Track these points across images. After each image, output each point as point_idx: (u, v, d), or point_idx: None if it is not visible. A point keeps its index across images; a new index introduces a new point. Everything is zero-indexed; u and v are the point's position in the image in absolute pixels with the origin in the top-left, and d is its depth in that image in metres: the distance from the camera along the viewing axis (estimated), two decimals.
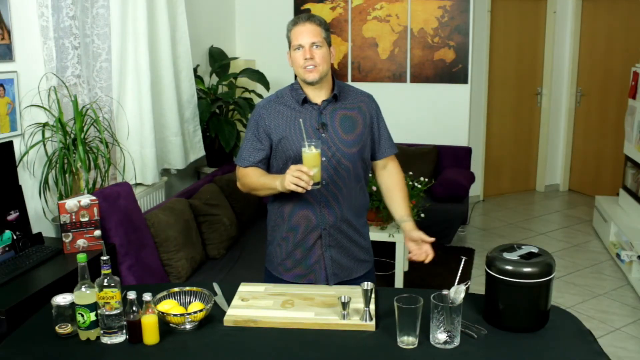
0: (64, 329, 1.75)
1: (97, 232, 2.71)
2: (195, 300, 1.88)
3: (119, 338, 1.72)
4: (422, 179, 4.08)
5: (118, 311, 1.71)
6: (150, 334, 1.70)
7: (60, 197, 3.00)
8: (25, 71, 2.95)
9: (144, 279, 2.88)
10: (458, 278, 1.78)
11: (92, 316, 1.72)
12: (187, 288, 1.93)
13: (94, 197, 2.71)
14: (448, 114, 5.45)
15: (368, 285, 1.77)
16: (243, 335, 1.76)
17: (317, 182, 1.92)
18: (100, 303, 1.70)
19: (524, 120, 6.37)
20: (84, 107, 3.18)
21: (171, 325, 1.78)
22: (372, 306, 1.82)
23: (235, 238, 3.78)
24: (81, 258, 1.72)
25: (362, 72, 5.55)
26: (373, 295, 1.86)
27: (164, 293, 1.89)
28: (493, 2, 5.76)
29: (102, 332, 1.72)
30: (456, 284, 1.72)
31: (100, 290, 1.70)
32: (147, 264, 2.97)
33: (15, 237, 2.60)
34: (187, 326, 1.78)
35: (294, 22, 2.08)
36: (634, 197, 4.55)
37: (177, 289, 1.92)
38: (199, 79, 4.63)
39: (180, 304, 1.87)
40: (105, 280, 1.70)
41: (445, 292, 1.70)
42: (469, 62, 5.32)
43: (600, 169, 6.18)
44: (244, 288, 2.03)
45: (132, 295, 1.72)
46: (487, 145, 6.14)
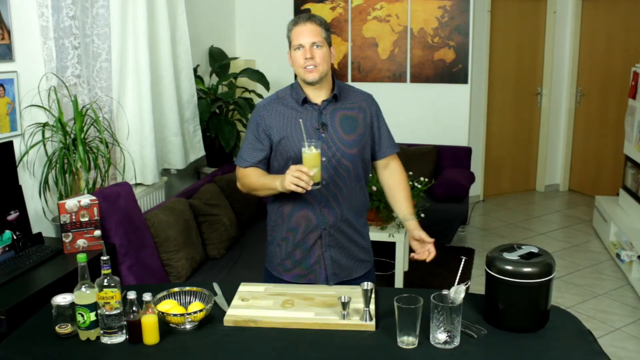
0: (64, 329, 1.75)
1: (97, 232, 2.71)
2: (195, 300, 1.88)
3: (119, 338, 1.72)
4: (422, 179, 4.08)
5: (118, 311, 1.71)
6: (150, 334, 1.70)
7: (60, 197, 3.00)
8: (25, 71, 2.95)
9: (144, 279, 2.88)
10: (458, 278, 1.78)
11: (92, 316, 1.72)
12: (187, 288, 1.93)
13: (94, 197, 2.71)
14: (448, 114, 5.45)
15: (368, 285, 1.77)
16: (243, 335, 1.76)
17: (317, 183, 1.92)
18: (100, 303, 1.71)
19: (524, 120, 6.37)
20: (84, 107, 3.18)
21: (171, 325, 1.78)
22: (372, 306, 1.82)
23: (235, 238, 3.78)
24: (81, 258, 1.72)
25: (362, 72, 5.55)
26: (373, 295, 1.86)
27: (164, 293, 1.89)
28: (493, 2, 5.76)
29: (102, 332, 1.72)
30: (456, 284, 1.72)
31: (100, 290, 1.70)
32: (147, 264, 2.97)
33: (15, 237, 2.60)
34: (187, 326, 1.78)
35: (295, 22, 2.08)
36: (634, 197, 4.55)
37: (177, 289, 1.92)
38: (199, 79, 4.63)
39: (180, 304, 1.87)
40: (105, 280, 1.70)
41: (445, 292, 1.70)
42: (469, 62, 5.32)
43: (600, 169, 6.18)
44: (244, 288, 2.03)
45: (132, 295, 1.72)
46: (487, 145, 6.14)
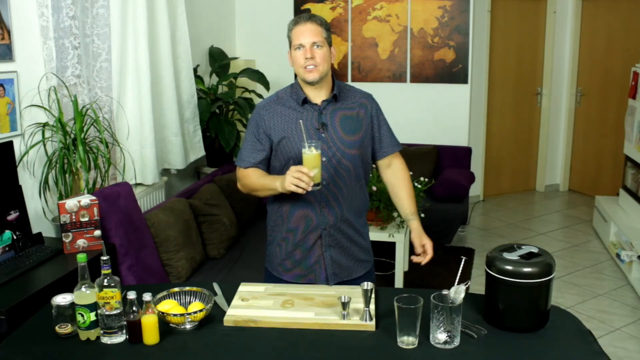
0: (64, 329, 1.75)
1: (97, 232, 2.71)
2: (195, 300, 1.88)
3: (119, 338, 1.72)
4: (422, 179, 4.08)
5: (118, 311, 1.71)
6: (150, 334, 1.70)
7: (60, 197, 3.00)
8: (25, 71, 2.95)
9: (144, 279, 2.88)
10: (458, 278, 1.78)
11: (92, 316, 1.72)
12: (187, 288, 1.93)
13: (94, 197, 2.71)
14: (448, 114, 5.44)
15: (368, 285, 1.77)
16: (243, 335, 1.76)
17: (317, 183, 1.92)
18: (100, 303, 1.71)
19: (524, 120, 6.37)
20: (84, 107, 3.18)
21: (171, 325, 1.78)
22: (372, 306, 1.82)
23: (235, 238, 3.78)
24: (81, 258, 1.72)
25: (362, 72, 5.55)
26: (373, 295, 1.86)
27: (164, 293, 1.89)
28: (493, 2, 5.76)
29: (102, 332, 1.72)
30: (456, 284, 1.72)
31: (100, 290, 1.70)
32: (147, 264, 2.97)
33: (15, 237, 2.60)
34: (187, 326, 1.78)
35: (295, 22, 2.08)
36: (634, 197, 4.55)
37: (177, 289, 1.92)
38: (199, 79, 4.63)
39: (180, 304, 1.87)
40: (105, 280, 1.70)
41: (445, 292, 1.70)
42: (469, 62, 5.32)
43: (600, 169, 6.18)
44: (244, 288, 2.03)
45: (132, 295, 1.72)
46: (487, 145, 6.14)
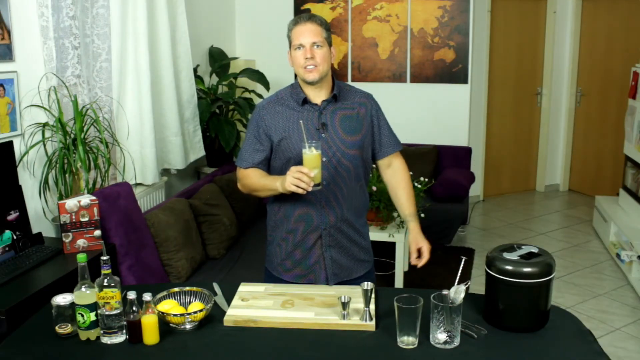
0: (64, 329, 1.75)
1: (97, 232, 2.71)
2: (195, 300, 1.88)
3: (119, 338, 1.72)
4: (422, 179, 4.08)
5: (118, 311, 1.71)
6: (150, 334, 1.70)
7: (60, 197, 3.00)
8: (25, 71, 2.95)
9: (144, 279, 2.88)
10: (458, 278, 1.78)
11: (92, 316, 1.72)
12: (187, 288, 1.93)
13: (94, 197, 2.71)
14: (448, 114, 5.44)
15: (368, 285, 1.77)
16: (243, 335, 1.76)
17: (317, 183, 1.92)
18: (100, 303, 1.71)
19: (524, 120, 6.37)
20: (84, 107, 3.18)
21: (171, 325, 1.78)
22: (372, 306, 1.82)
23: (235, 238, 3.78)
24: (81, 258, 1.72)
25: (362, 72, 5.55)
26: (373, 295, 1.86)
27: (164, 293, 1.89)
28: (493, 2, 5.76)
29: (102, 332, 1.72)
30: (456, 284, 1.72)
31: (100, 290, 1.70)
32: (147, 264, 2.97)
33: (15, 237, 2.60)
34: (187, 326, 1.78)
35: (295, 22, 2.08)
36: (634, 197, 4.55)
37: (177, 289, 1.92)
38: (199, 79, 4.63)
39: (180, 304, 1.87)
40: (105, 280, 1.70)
41: (445, 292, 1.70)
42: (469, 62, 5.31)
43: (600, 169, 6.18)
44: (244, 288, 2.03)
45: (132, 295, 1.72)
46: (487, 145, 6.14)
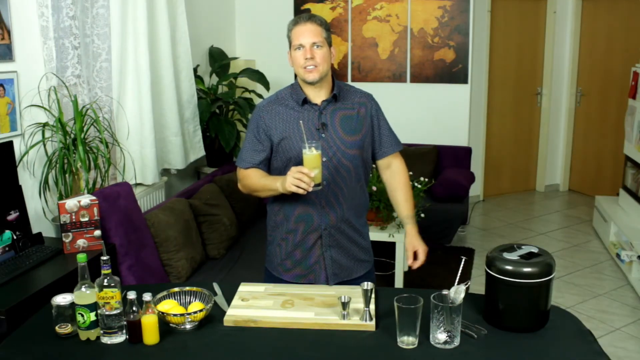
0: (64, 329, 1.75)
1: (97, 232, 2.70)
2: (195, 300, 1.88)
3: (119, 338, 1.72)
4: (422, 179, 4.08)
5: (118, 311, 1.71)
6: (150, 334, 1.70)
7: (60, 197, 3.00)
8: (25, 71, 2.95)
9: (144, 279, 2.88)
10: (458, 278, 1.78)
11: (92, 316, 1.72)
12: (187, 288, 1.93)
13: (94, 197, 2.71)
14: (448, 114, 5.44)
15: (368, 285, 1.77)
16: (243, 335, 1.76)
17: (318, 184, 1.92)
18: (100, 303, 1.71)
19: (524, 120, 6.37)
20: (84, 107, 3.18)
21: (171, 325, 1.78)
22: (372, 306, 1.82)
23: (235, 238, 3.78)
24: (81, 258, 1.72)
25: (362, 72, 5.55)
26: (373, 295, 1.86)
27: (164, 293, 1.89)
28: (493, 2, 5.76)
29: (102, 332, 1.72)
30: (456, 284, 1.72)
31: (100, 290, 1.70)
32: (147, 264, 2.97)
33: (15, 237, 2.60)
34: (187, 326, 1.78)
35: (295, 22, 2.08)
36: (634, 197, 4.55)
37: (177, 289, 1.92)
38: (199, 79, 4.63)
39: (180, 304, 1.87)
40: (105, 280, 1.70)
41: (445, 292, 1.70)
42: (469, 62, 5.31)
43: (600, 169, 6.18)
44: (244, 288, 2.03)
45: (132, 295, 1.72)
46: (487, 145, 6.14)
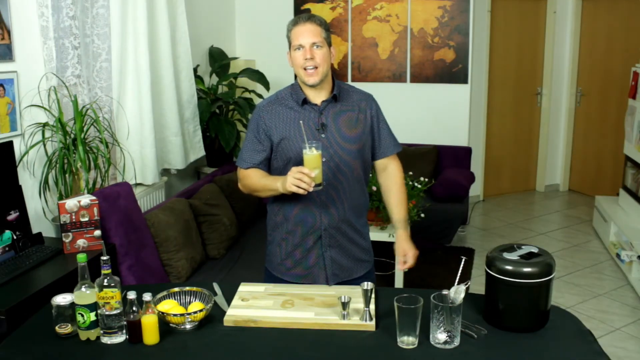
0: (64, 329, 1.75)
1: (97, 232, 2.71)
2: (195, 300, 1.88)
3: (119, 338, 1.72)
4: (422, 179, 4.08)
5: (118, 311, 1.71)
6: (150, 334, 1.70)
7: (60, 197, 3.00)
8: (25, 71, 2.95)
9: (144, 279, 2.88)
10: (458, 278, 1.78)
11: (92, 316, 1.72)
12: (187, 288, 1.93)
13: (94, 197, 2.71)
14: (448, 114, 5.44)
15: (368, 285, 1.77)
16: (243, 335, 1.76)
17: (318, 184, 1.92)
18: (100, 303, 1.71)
19: (524, 120, 6.37)
20: (84, 107, 3.18)
21: (171, 325, 1.78)
22: (372, 306, 1.83)
23: (235, 238, 3.78)
24: (81, 258, 1.72)
25: (362, 72, 5.55)
26: (373, 295, 1.86)
27: (164, 293, 1.89)
28: (493, 2, 5.76)
29: (102, 332, 1.73)
30: (456, 284, 1.72)
31: (100, 290, 1.70)
32: (147, 264, 2.97)
33: (15, 237, 2.60)
34: (187, 326, 1.78)
35: (294, 22, 2.08)
36: (634, 197, 4.55)
37: (177, 289, 1.92)
38: (199, 79, 4.63)
39: (180, 304, 1.87)
40: (105, 280, 1.70)
41: (445, 292, 1.70)
42: (469, 62, 5.31)
43: (600, 169, 6.18)
44: (244, 288, 2.03)
45: (132, 295, 1.72)
46: (487, 145, 6.14)
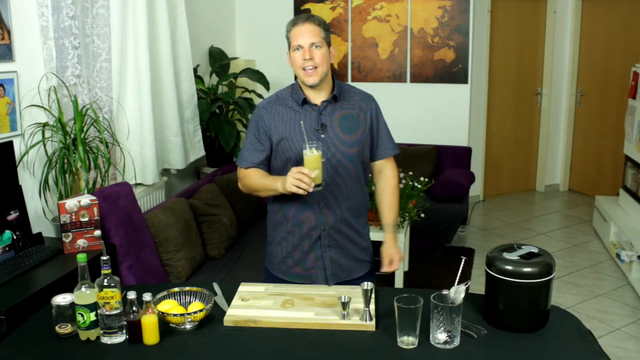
0: (64, 329, 1.75)
1: (97, 232, 2.71)
2: (195, 300, 1.88)
3: (119, 338, 1.72)
4: (422, 179, 4.08)
5: (118, 311, 1.72)
6: (150, 334, 1.70)
7: (60, 197, 3.00)
8: (25, 71, 2.95)
9: (144, 279, 2.88)
10: (458, 278, 1.78)
11: (92, 316, 1.72)
12: (187, 288, 1.93)
13: (94, 197, 2.71)
14: (448, 114, 5.44)
15: (368, 285, 1.77)
16: (243, 335, 1.76)
17: (318, 184, 1.92)
18: (100, 303, 1.71)
19: (524, 120, 6.37)
20: (84, 107, 3.18)
21: (171, 325, 1.78)
22: (372, 306, 1.83)
23: (235, 238, 3.78)
24: (81, 258, 1.72)
25: (362, 72, 5.55)
26: (373, 295, 1.86)
27: (164, 293, 1.89)
28: (493, 2, 5.76)
29: (102, 332, 1.73)
30: (456, 284, 1.72)
31: (100, 290, 1.70)
32: (147, 264, 2.97)
33: (15, 237, 2.60)
34: (187, 326, 1.78)
35: (293, 23, 2.08)
36: (634, 197, 4.55)
37: (177, 289, 1.92)
38: (199, 79, 4.63)
39: (180, 304, 1.87)
40: (105, 280, 1.70)
41: (445, 292, 1.70)
42: (469, 62, 5.31)
43: (600, 169, 6.18)
44: (244, 288, 2.03)
45: (132, 295, 1.72)
46: (487, 145, 6.14)
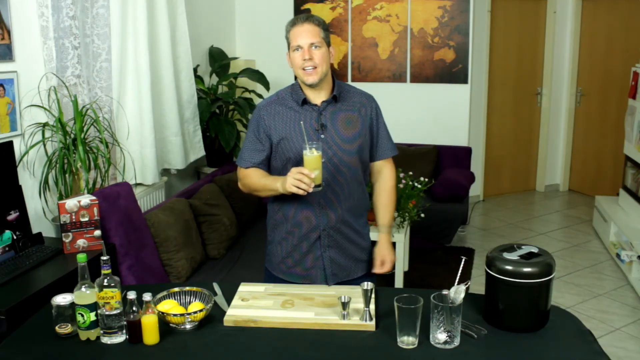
0: (64, 329, 1.75)
1: (97, 232, 2.71)
2: (195, 300, 1.88)
3: (119, 338, 1.72)
4: (422, 179, 4.07)
5: (118, 311, 1.72)
6: (150, 334, 1.70)
7: (60, 197, 3.00)
8: (25, 71, 2.95)
9: (144, 279, 2.88)
10: (458, 278, 1.78)
11: (92, 316, 1.72)
12: (187, 288, 1.93)
13: (94, 197, 2.71)
14: (448, 114, 5.44)
15: (368, 285, 1.77)
16: (243, 335, 1.76)
17: (318, 185, 1.92)
18: (100, 303, 1.71)
19: (524, 120, 6.37)
20: (84, 107, 3.18)
21: (171, 325, 1.78)
22: (372, 306, 1.83)
23: (235, 238, 3.78)
24: (81, 258, 1.72)
25: (362, 72, 5.55)
26: (373, 295, 1.86)
27: (164, 293, 1.89)
28: (493, 2, 5.76)
29: (102, 332, 1.73)
30: (456, 284, 1.72)
31: (100, 290, 1.70)
32: (147, 264, 2.97)
33: (15, 237, 2.60)
34: (187, 326, 1.78)
35: (293, 23, 2.08)
36: (634, 197, 4.55)
37: (177, 289, 1.92)
38: (199, 79, 4.63)
39: (180, 304, 1.87)
40: (105, 280, 1.70)
41: (445, 292, 1.70)
42: (469, 62, 5.31)
43: (600, 169, 6.18)
44: (244, 288, 2.03)
45: (132, 295, 1.72)
46: (487, 145, 6.14)
